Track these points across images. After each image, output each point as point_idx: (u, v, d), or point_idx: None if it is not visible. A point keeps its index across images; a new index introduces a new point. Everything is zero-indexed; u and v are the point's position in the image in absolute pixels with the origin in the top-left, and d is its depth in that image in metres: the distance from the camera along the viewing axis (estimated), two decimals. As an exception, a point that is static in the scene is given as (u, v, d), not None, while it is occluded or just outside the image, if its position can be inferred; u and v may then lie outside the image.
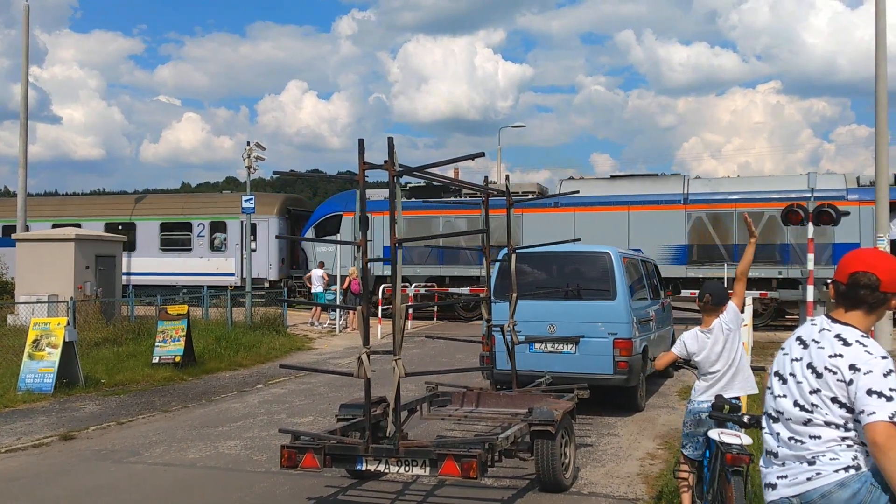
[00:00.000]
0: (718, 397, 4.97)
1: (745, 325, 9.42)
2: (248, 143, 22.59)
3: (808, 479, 2.79)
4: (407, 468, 5.80)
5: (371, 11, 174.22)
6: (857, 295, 2.91)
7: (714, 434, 4.73)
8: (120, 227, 27.00)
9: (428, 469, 5.72)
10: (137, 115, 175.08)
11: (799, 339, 3.01)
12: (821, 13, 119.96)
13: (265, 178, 57.77)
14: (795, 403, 2.88)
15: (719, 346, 5.35)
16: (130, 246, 27.40)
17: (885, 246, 15.03)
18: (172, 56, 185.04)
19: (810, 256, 15.79)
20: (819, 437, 2.81)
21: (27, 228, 22.17)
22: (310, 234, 25.34)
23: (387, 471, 6.07)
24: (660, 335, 11.70)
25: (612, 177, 24.87)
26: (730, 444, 4.56)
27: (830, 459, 2.77)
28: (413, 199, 23.57)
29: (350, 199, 25.20)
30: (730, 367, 5.33)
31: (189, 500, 6.74)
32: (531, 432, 6.47)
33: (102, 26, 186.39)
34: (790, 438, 2.89)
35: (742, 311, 5.73)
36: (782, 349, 3.08)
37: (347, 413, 6.81)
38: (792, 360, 2.97)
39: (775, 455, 2.94)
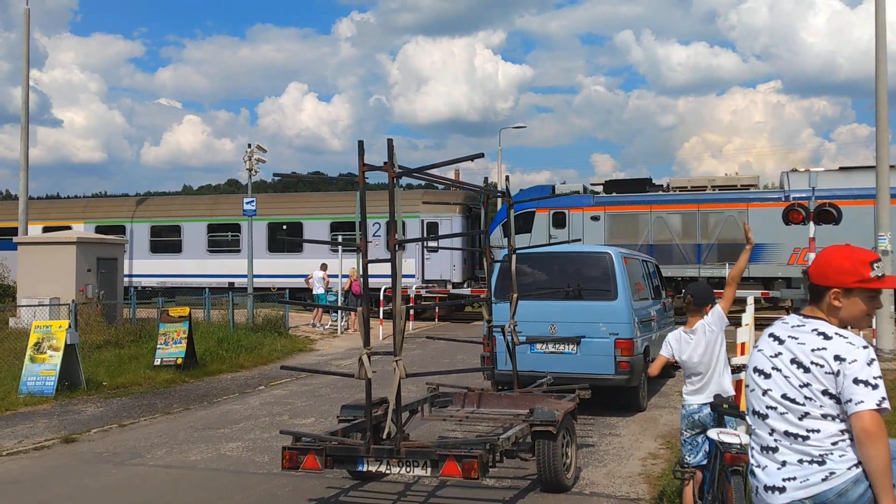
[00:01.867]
0: (717, 396, 4.97)
1: (747, 325, 9.45)
2: (249, 146, 22.67)
3: (824, 479, 2.77)
4: (408, 469, 5.81)
5: (370, 13, 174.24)
6: (808, 290, 3.00)
7: (713, 434, 4.71)
8: (284, 227, 27.05)
9: (429, 470, 5.73)
10: (138, 117, 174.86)
11: (772, 335, 3.03)
12: (820, 12, 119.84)
13: (266, 180, 57.67)
14: (785, 396, 2.88)
15: (701, 347, 5.36)
16: (296, 245, 26.91)
17: (885, 245, 14.98)
18: (173, 59, 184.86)
19: (810, 255, 15.79)
20: (819, 431, 2.80)
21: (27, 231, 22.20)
22: (497, 232, 23.51)
23: (388, 472, 6.07)
24: (661, 335, 11.69)
25: (841, 168, 22.88)
26: (729, 444, 4.54)
27: (840, 457, 2.76)
28: (613, 195, 22.55)
29: (543, 194, 23.52)
30: (712, 370, 5.34)
31: (190, 502, 6.75)
32: (532, 433, 6.48)
33: (103, 29, 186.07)
34: (786, 433, 2.86)
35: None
36: (757, 347, 3.09)
37: (349, 414, 6.83)
38: (770, 356, 2.98)
39: (774, 450, 2.90)
